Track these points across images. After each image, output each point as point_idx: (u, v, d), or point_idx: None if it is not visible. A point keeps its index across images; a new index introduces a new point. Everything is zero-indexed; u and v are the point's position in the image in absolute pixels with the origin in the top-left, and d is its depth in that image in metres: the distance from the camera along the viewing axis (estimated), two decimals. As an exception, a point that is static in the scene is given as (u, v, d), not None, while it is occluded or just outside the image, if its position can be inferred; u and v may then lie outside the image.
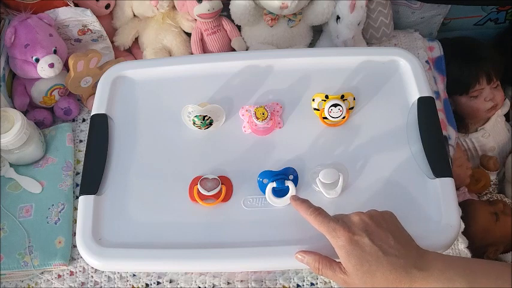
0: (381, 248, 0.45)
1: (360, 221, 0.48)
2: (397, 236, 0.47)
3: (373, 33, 0.93)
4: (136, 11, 0.90)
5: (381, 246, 0.46)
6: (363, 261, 0.45)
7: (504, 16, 1.09)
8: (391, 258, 0.45)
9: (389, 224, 0.48)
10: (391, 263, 0.45)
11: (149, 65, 0.70)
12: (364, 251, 0.46)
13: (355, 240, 0.46)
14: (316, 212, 0.50)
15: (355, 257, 0.46)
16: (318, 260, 0.50)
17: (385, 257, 0.45)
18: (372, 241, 0.46)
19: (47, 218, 0.74)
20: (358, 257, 0.46)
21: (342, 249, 0.47)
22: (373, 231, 0.47)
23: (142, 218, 0.57)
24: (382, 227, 0.47)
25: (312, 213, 0.50)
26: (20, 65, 0.79)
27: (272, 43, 0.91)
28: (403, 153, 0.60)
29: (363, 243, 0.46)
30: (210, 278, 0.70)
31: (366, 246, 0.46)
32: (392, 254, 0.45)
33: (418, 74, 0.64)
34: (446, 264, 0.45)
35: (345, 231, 0.47)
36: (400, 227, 0.49)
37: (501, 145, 1.09)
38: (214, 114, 0.61)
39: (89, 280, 0.72)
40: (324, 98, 0.62)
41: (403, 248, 0.46)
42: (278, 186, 0.56)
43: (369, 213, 0.49)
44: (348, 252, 0.46)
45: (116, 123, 0.64)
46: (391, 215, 0.50)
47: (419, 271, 0.44)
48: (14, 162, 0.78)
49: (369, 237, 0.46)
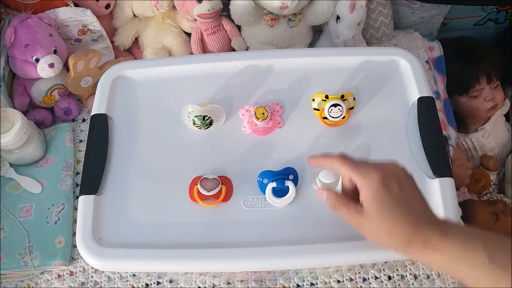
0: (407, 200, 0.45)
1: (393, 169, 0.47)
2: (420, 194, 0.47)
3: (373, 33, 0.93)
4: (136, 11, 0.90)
5: (408, 199, 0.45)
6: (388, 205, 0.45)
7: (504, 16, 1.09)
8: (413, 212, 0.45)
9: (414, 184, 0.48)
10: (413, 215, 0.44)
11: (149, 65, 0.70)
12: (391, 196, 0.45)
13: (386, 183, 0.45)
14: (343, 156, 0.49)
15: (380, 199, 0.45)
16: (336, 197, 0.49)
17: (409, 209, 0.45)
18: (401, 191, 0.45)
19: (47, 218, 0.74)
20: (383, 200, 0.45)
21: (370, 190, 0.46)
22: (403, 183, 0.46)
23: (142, 218, 0.57)
24: (411, 183, 0.47)
25: (339, 158, 0.49)
26: (20, 65, 0.79)
27: (272, 43, 0.91)
28: (403, 153, 0.60)
29: (394, 190, 0.45)
30: (210, 278, 0.70)
31: (396, 194, 0.45)
32: (416, 210, 0.45)
33: (418, 74, 0.64)
34: (467, 232, 0.44)
35: (378, 173, 0.46)
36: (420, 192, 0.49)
37: (501, 145, 1.09)
38: (214, 114, 0.61)
39: (89, 280, 0.72)
40: (324, 98, 0.62)
41: (426, 208, 0.46)
42: (278, 186, 0.56)
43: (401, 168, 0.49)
44: (375, 193, 0.45)
45: (116, 123, 0.64)
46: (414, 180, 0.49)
47: (439, 230, 0.43)
48: (14, 162, 0.78)
49: (399, 186, 0.46)
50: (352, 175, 0.48)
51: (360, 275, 0.70)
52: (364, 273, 0.70)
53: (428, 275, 0.70)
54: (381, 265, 0.70)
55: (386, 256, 0.54)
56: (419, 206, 0.46)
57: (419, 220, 0.44)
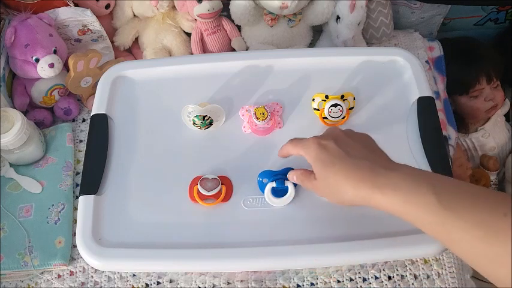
0: (346, 151, 0.47)
1: (331, 131, 0.51)
2: (367, 146, 0.49)
3: (373, 33, 0.93)
4: (136, 11, 0.91)
5: (347, 150, 0.47)
6: (327, 162, 0.47)
7: (504, 16, 1.09)
8: (356, 160, 0.46)
9: (362, 139, 0.50)
10: (355, 163, 0.46)
11: (149, 65, 0.70)
12: (329, 153, 0.47)
13: (322, 144, 0.48)
14: (290, 140, 0.53)
15: (320, 159, 0.48)
16: (302, 173, 0.53)
17: (350, 158, 0.46)
18: (338, 146, 0.48)
19: (47, 218, 0.74)
20: (323, 159, 0.47)
21: (310, 156, 0.49)
22: (341, 139, 0.49)
23: (142, 218, 0.57)
24: (353, 137, 0.49)
25: (289, 142, 0.53)
26: (20, 65, 0.79)
27: (272, 43, 0.91)
28: (403, 153, 0.60)
29: (329, 147, 0.48)
30: (210, 278, 0.70)
31: (332, 149, 0.47)
32: (358, 157, 0.46)
33: (418, 74, 0.64)
34: (416, 171, 0.45)
35: (313, 139, 0.50)
36: (373, 143, 0.50)
37: (501, 145, 1.09)
38: (214, 114, 0.61)
39: (89, 280, 0.72)
40: (324, 98, 0.62)
41: (372, 154, 0.47)
42: (278, 186, 0.56)
43: (346, 130, 0.51)
44: (316, 156, 0.48)
45: (116, 123, 0.64)
46: (367, 136, 0.51)
47: (385, 169, 0.44)
48: (14, 162, 0.78)
49: (336, 143, 0.48)
50: (298, 151, 0.51)
51: (360, 275, 0.70)
52: (364, 273, 0.70)
53: (429, 275, 0.70)
54: (380, 265, 0.70)
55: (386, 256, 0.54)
56: (364, 151, 0.47)
57: (364, 166, 0.45)
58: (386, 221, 0.53)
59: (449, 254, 0.72)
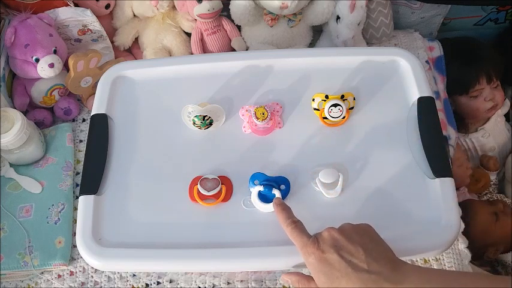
0: (350, 264, 0.44)
1: (329, 236, 0.47)
2: (369, 249, 0.45)
3: (373, 33, 0.93)
4: (136, 11, 0.91)
5: (351, 262, 0.44)
6: (332, 278, 0.44)
7: (504, 16, 1.09)
8: (361, 274, 0.43)
9: (362, 237, 0.47)
10: (361, 278, 0.43)
11: (149, 65, 0.70)
12: (333, 267, 0.45)
13: (324, 257, 0.45)
14: (293, 224, 0.49)
15: (324, 274, 0.45)
16: (298, 280, 0.52)
17: (355, 272, 0.44)
18: (340, 257, 0.45)
19: (47, 218, 0.74)
20: (327, 274, 0.45)
21: (311, 266, 0.46)
22: (342, 246, 0.45)
23: (142, 218, 0.57)
24: (354, 241, 0.46)
25: (290, 224, 0.50)
26: (20, 65, 0.79)
27: (272, 43, 0.91)
28: (403, 153, 0.60)
29: (332, 260, 0.45)
30: (210, 278, 0.70)
31: (335, 263, 0.45)
32: (362, 270, 0.44)
33: (418, 74, 0.64)
34: (422, 278, 0.43)
35: (313, 248, 0.46)
36: (374, 239, 0.47)
37: (501, 145, 1.09)
38: (214, 114, 0.61)
39: (89, 280, 0.72)
40: (324, 98, 0.62)
41: (375, 262, 0.44)
42: (264, 191, 0.56)
43: (341, 227, 0.48)
44: (317, 269, 0.46)
45: (116, 123, 0.64)
46: (366, 227, 0.48)
47: (391, 284, 0.43)
48: (14, 162, 0.78)
49: (337, 253, 0.45)
50: (297, 248, 0.48)
51: (360, 275, 0.70)
52: (364, 273, 0.70)
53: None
54: (380, 265, 0.70)
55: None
56: (368, 260, 0.44)
57: (370, 281, 0.43)
58: (387, 221, 0.54)
59: (449, 254, 0.72)
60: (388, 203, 0.56)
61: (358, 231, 0.47)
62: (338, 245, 0.46)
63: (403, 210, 0.55)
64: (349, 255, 0.45)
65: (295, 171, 0.59)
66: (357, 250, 0.45)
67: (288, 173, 0.59)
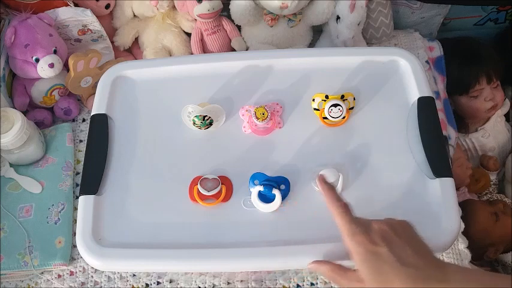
0: (399, 259, 0.44)
1: (379, 229, 0.46)
2: (415, 246, 0.46)
3: (373, 33, 0.93)
4: (136, 11, 0.90)
5: (399, 257, 0.44)
6: (380, 270, 0.44)
7: (504, 16, 1.09)
8: (409, 269, 0.43)
9: (407, 234, 0.47)
10: (409, 274, 0.43)
11: (149, 65, 0.70)
12: (382, 260, 0.44)
13: (374, 249, 0.45)
14: (343, 208, 0.49)
15: (372, 266, 0.45)
16: (332, 269, 0.50)
17: (403, 267, 0.43)
18: (390, 251, 0.44)
19: (47, 218, 0.74)
20: (375, 266, 0.44)
21: (359, 256, 0.46)
22: (392, 240, 0.45)
23: (142, 218, 0.57)
24: (401, 236, 0.46)
25: (339, 208, 0.49)
26: (20, 65, 0.79)
27: (272, 43, 0.91)
28: (403, 153, 0.60)
29: (381, 253, 0.44)
30: (210, 278, 0.70)
31: (384, 256, 0.44)
32: (410, 265, 0.44)
33: (418, 74, 0.64)
34: (466, 277, 0.43)
35: (364, 239, 0.46)
36: (418, 237, 0.47)
37: (501, 145, 1.09)
38: (214, 114, 0.61)
39: (89, 280, 0.72)
40: (324, 98, 0.62)
41: (422, 259, 0.44)
42: (264, 191, 0.56)
43: (389, 221, 0.48)
44: (365, 260, 0.45)
45: (116, 123, 0.64)
46: (408, 225, 0.48)
47: (438, 283, 0.43)
48: (14, 162, 0.78)
49: (387, 246, 0.45)
50: (342, 233, 0.48)
51: (360, 275, 0.70)
52: (364, 273, 0.70)
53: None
54: (381, 265, 0.70)
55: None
56: (415, 257, 0.44)
57: (417, 278, 0.43)
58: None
59: (450, 254, 0.72)
60: (388, 203, 0.56)
61: (404, 228, 0.48)
62: (388, 238, 0.46)
63: (403, 210, 0.55)
64: (399, 249, 0.45)
65: (295, 171, 0.59)
66: (405, 246, 0.45)
67: (288, 173, 0.59)
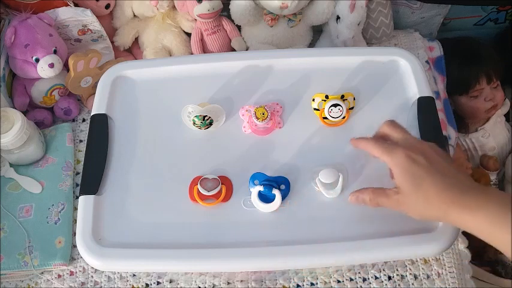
0: (435, 168, 0.46)
1: (418, 144, 0.49)
2: (450, 163, 0.48)
3: (373, 33, 0.93)
4: (136, 11, 0.90)
5: (436, 167, 0.46)
6: (417, 177, 0.46)
7: (504, 16, 1.09)
8: (446, 178, 0.46)
9: (444, 156, 0.49)
10: (445, 181, 0.45)
11: (149, 65, 0.70)
12: (420, 167, 0.46)
13: (412, 157, 0.47)
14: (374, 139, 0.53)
15: (410, 173, 0.47)
16: (372, 192, 0.51)
17: (440, 175, 0.46)
18: (427, 159, 0.47)
19: (47, 218, 0.74)
20: (413, 173, 0.46)
21: (398, 167, 0.48)
22: (430, 154, 0.48)
23: (142, 218, 0.57)
24: (438, 153, 0.49)
25: (372, 141, 0.52)
26: (20, 65, 0.79)
27: (272, 43, 0.91)
28: (403, 153, 0.60)
29: (419, 161, 0.47)
30: (210, 278, 0.70)
31: (422, 164, 0.47)
32: (447, 175, 0.46)
33: (418, 74, 0.64)
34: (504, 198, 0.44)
35: (403, 149, 0.48)
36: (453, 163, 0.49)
37: (501, 145, 1.09)
38: (214, 114, 0.61)
39: (89, 280, 0.72)
40: (324, 98, 0.62)
41: (457, 173, 0.47)
42: (264, 191, 0.56)
43: (423, 142, 0.50)
44: (404, 168, 0.47)
45: (116, 123, 0.64)
46: (447, 155, 0.50)
47: (473, 190, 0.45)
48: (14, 162, 0.78)
49: (424, 155, 0.47)
50: (382, 157, 0.50)
51: (360, 275, 0.70)
52: (364, 273, 0.70)
53: (429, 275, 0.70)
54: (380, 265, 0.70)
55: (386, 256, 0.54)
56: (452, 173, 0.47)
57: (454, 186, 0.45)
58: (387, 221, 0.54)
59: (449, 254, 0.72)
60: (388, 203, 0.56)
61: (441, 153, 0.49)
62: (426, 152, 0.48)
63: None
64: (435, 161, 0.47)
65: (295, 171, 0.59)
66: (442, 161, 0.48)
67: (288, 173, 0.59)
